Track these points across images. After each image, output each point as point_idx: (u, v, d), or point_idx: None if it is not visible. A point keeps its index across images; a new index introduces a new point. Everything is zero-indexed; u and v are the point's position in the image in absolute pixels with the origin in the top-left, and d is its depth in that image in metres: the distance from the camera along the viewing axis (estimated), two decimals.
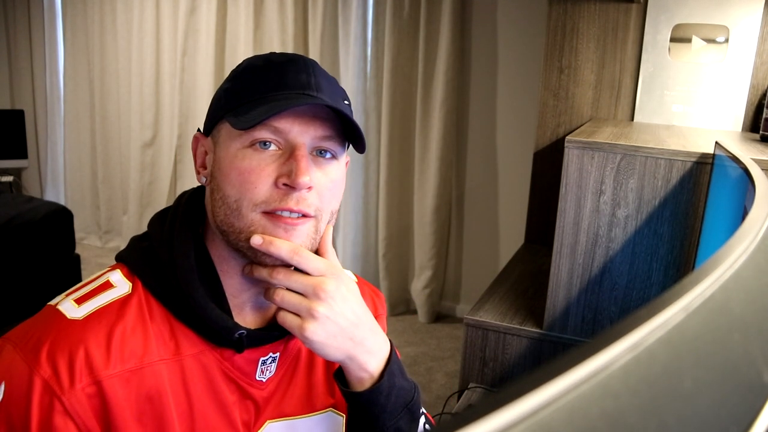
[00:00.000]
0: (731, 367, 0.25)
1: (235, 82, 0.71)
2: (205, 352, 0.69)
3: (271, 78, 0.69)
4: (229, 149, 0.68)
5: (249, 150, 0.67)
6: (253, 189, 0.66)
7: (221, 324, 0.67)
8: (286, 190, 0.66)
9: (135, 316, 0.67)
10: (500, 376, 1.57)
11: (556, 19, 2.08)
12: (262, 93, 0.68)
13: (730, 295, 0.27)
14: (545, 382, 0.17)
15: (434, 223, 3.23)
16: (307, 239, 0.69)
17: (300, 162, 0.66)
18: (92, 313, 0.65)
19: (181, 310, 0.68)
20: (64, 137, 4.34)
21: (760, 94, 1.90)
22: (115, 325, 0.65)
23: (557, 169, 1.65)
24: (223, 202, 0.68)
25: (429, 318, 3.34)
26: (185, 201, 0.75)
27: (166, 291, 0.68)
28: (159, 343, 0.67)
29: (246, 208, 0.67)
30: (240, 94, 0.70)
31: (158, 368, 0.65)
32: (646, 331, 0.21)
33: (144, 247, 0.72)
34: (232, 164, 0.68)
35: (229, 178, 0.68)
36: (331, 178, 0.71)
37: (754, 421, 0.23)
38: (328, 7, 3.27)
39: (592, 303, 1.43)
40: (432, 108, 3.14)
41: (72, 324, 0.64)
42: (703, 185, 1.29)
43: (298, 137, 0.68)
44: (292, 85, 0.68)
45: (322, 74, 0.71)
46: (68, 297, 0.68)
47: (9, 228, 2.66)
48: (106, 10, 3.96)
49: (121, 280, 0.69)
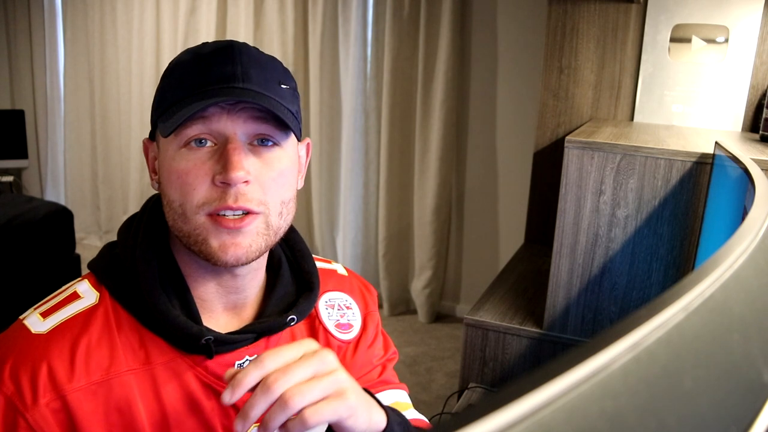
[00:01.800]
0: (731, 367, 0.25)
1: (164, 81, 0.69)
2: (176, 359, 0.67)
3: (197, 73, 0.65)
4: (167, 152, 0.66)
5: (184, 150, 0.64)
6: (192, 191, 0.64)
7: (186, 330, 0.65)
8: (223, 187, 0.63)
9: (101, 327, 0.65)
10: (500, 376, 1.57)
11: (556, 20, 2.08)
12: (187, 91, 0.65)
13: (730, 295, 0.27)
14: (545, 382, 0.17)
15: (434, 223, 3.23)
16: (258, 237, 0.66)
17: (231, 156, 0.62)
18: (57, 327, 0.64)
19: (148, 319, 0.66)
20: (65, 137, 4.34)
21: (760, 94, 1.90)
22: (80, 338, 0.64)
23: (557, 169, 1.65)
24: (170, 207, 0.66)
25: (429, 318, 3.34)
26: (150, 207, 0.73)
27: (131, 299, 0.67)
28: (127, 354, 0.65)
29: (189, 211, 0.64)
30: (167, 95, 0.67)
31: (126, 379, 0.64)
32: (646, 331, 0.21)
33: (112, 255, 0.71)
34: (170, 167, 0.65)
35: (170, 182, 0.65)
36: (274, 167, 0.66)
37: (754, 421, 0.23)
38: (328, 7, 3.27)
39: (592, 303, 1.43)
40: (432, 108, 3.14)
41: (36, 339, 0.63)
42: (703, 185, 1.29)
43: (228, 128, 0.64)
44: (216, 78, 0.64)
45: (252, 60, 0.67)
46: (36, 310, 0.67)
47: (9, 228, 2.66)
48: (106, 10, 3.96)
49: (88, 290, 0.68)
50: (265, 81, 0.66)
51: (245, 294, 0.73)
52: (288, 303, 0.76)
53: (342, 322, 0.83)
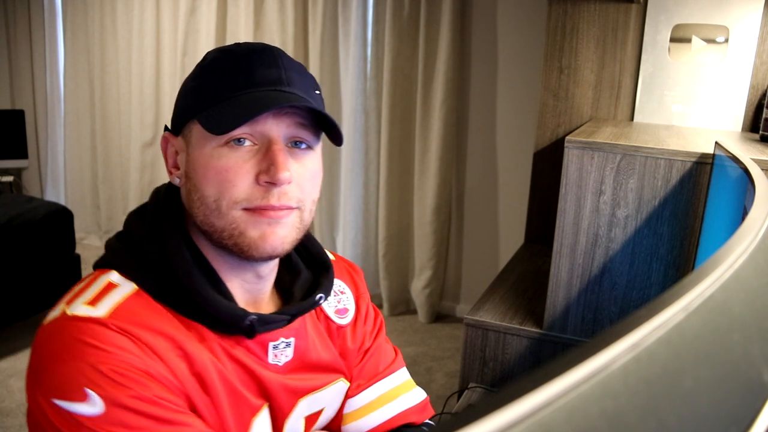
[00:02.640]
0: (731, 367, 0.25)
1: (202, 79, 0.70)
2: (221, 339, 0.70)
3: (240, 74, 0.67)
4: (203, 149, 0.67)
5: (224, 148, 0.66)
6: (232, 187, 0.66)
7: (231, 313, 0.67)
8: (267, 186, 0.66)
9: (153, 309, 0.66)
10: (500, 376, 1.57)
11: (556, 20, 2.08)
12: (232, 91, 0.67)
13: (730, 295, 0.27)
14: (545, 382, 0.17)
15: (434, 223, 3.23)
16: (293, 230, 0.69)
17: (278, 157, 0.65)
18: (115, 310, 0.63)
19: (185, 307, 0.68)
20: (65, 137, 4.34)
21: (760, 94, 1.90)
22: (143, 317, 0.64)
23: (557, 169, 1.65)
24: (202, 203, 0.67)
25: (429, 318, 3.34)
26: (164, 197, 0.74)
27: (167, 291, 0.67)
28: (184, 332, 0.67)
29: (226, 206, 0.66)
30: (209, 93, 0.68)
31: (195, 349, 0.66)
32: (646, 331, 0.21)
33: (131, 249, 0.70)
34: (208, 164, 0.66)
35: (207, 178, 0.67)
36: (309, 169, 0.70)
37: (754, 421, 0.23)
38: (328, 7, 3.27)
39: (592, 303, 1.43)
40: (432, 108, 3.14)
41: (103, 321, 0.62)
42: (702, 185, 1.29)
43: (273, 130, 0.67)
44: (262, 81, 0.67)
45: (291, 65, 0.70)
46: (74, 302, 0.64)
47: (9, 228, 2.66)
48: (106, 10, 3.96)
49: (121, 279, 0.68)
50: (305, 87, 0.70)
51: (265, 288, 0.77)
52: (308, 285, 0.81)
53: (339, 308, 0.87)
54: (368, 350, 0.89)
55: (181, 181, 0.71)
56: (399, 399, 0.88)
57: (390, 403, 0.87)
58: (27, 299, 2.78)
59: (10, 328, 2.82)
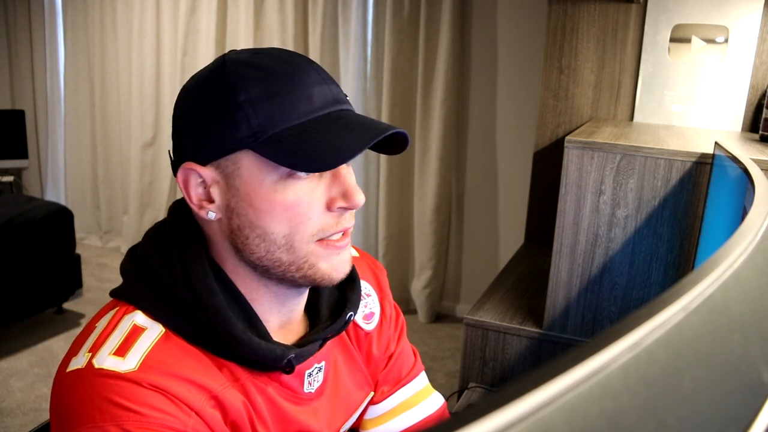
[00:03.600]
0: (730, 367, 0.25)
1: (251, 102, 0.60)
2: (254, 376, 0.67)
3: (295, 97, 0.60)
4: (262, 183, 0.61)
5: (289, 180, 0.61)
6: (307, 221, 0.62)
7: (270, 355, 0.64)
8: (341, 212, 0.64)
9: (183, 352, 0.62)
10: (500, 375, 1.57)
11: (556, 20, 2.08)
12: (295, 118, 0.60)
13: (730, 295, 0.27)
14: (545, 382, 0.17)
15: (434, 223, 3.23)
16: (350, 248, 0.69)
17: (350, 181, 0.63)
18: (145, 360, 0.59)
19: (218, 348, 0.64)
20: (65, 137, 4.34)
21: (760, 94, 1.90)
22: (174, 365, 0.60)
23: (557, 169, 1.65)
24: (265, 239, 0.62)
25: (429, 318, 3.34)
26: (183, 220, 0.67)
27: (200, 333, 0.63)
28: (216, 374, 0.63)
29: (300, 241, 0.63)
30: (264, 122, 0.60)
31: (229, 393, 0.63)
32: (646, 331, 0.21)
33: (154, 287, 0.65)
34: (273, 200, 0.61)
35: (273, 215, 0.61)
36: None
37: (754, 421, 0.23)
38: (328, 7, 3.27)
39: (592, 303, 1.43)
40: (432, 108, 3.14)
41: (133, 376, 0.57)
42: (702, 185, 1.29)
43: None
44: (323, 102, 0.62)
45: (327, 74, 0.65)
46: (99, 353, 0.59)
47: (9, 228, 2.66)
48: (106, 10, 3.96)
49: (148, 321, 0.63)
50: (344, 95, 0.66)
51: (300, 309, 0.74)
52: (334, 300, 0.77)
53: (366, 312, 0.85)
54: (393, 355, 0.88)
55: (218, 214, 0.64)
56: (419, 405, 0.88)
57: (411, 410, 0.87)
58: (27, 299, 2.78)
59: (10, 328, 2.82)
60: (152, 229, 0.70)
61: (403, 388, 0.88)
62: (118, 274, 3.00)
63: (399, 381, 0.88)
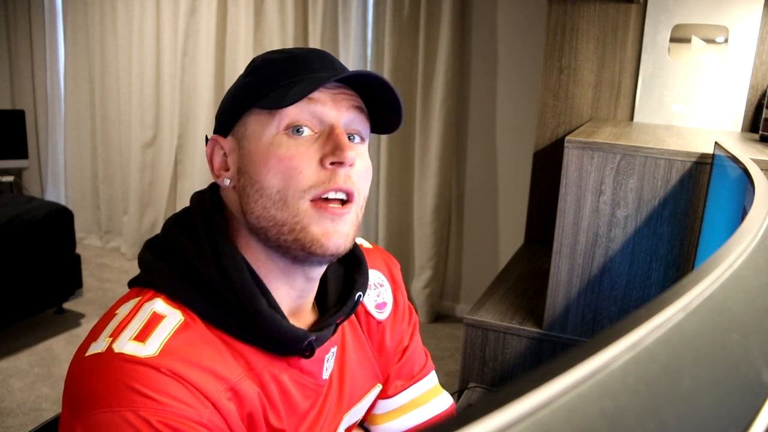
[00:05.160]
0: (730, 367, 0.25)
1: (256, 75, 0.68)
2: (272, 363, 0.66)
3: (297, 65, 0.67)
4: (261, 139, 0.65)
5: (284, 137, 0.64)
6: (299, 174, 0.63)
7: (292, 335, 0.64)
8: (332, 169, 0.64)
9: (202, 341, 0.62)
10: (500, 375, 1.57)
11: (556, 19, 2.08)
12: (291, 77, 0.65)
13: (730, 294, 0.27)
14: (545, 382, 0.17)
15: (434, 223, 3.23)
16: (352, 227, 0.67)
17: (342, 139, 0.64)
18: (165, 346, 0.59)
19: (242, 330, 0.64)
20: (65, 137, 4.34)
21: (760, 94, 1.90)
22: (193, 353, 0.60)
23: (557, 169, 1.65)
24: (262, 195, 0.64)
25: (429, 318, 3.34)
26: (210, 205, 0.69)
27: (224, 314, 0.64)
28: (232, 365, 0.63)
29: (292, 197, 0.63)
30: (266, 82, 0.67)
31: (245, 385, 0.63)
32: (646, 331, 0.21)
33: (178, 268, 0.66)
34: (269, 153, 0.64)
35: (268, 168, 0.64)
36: (364, 160, 0.69)
37: (754, 421, 0.23)
38: (328, 7, 3.27)
39: (592, 303, 1.43)
40: (432, 108, 3.14)
41: (153, 361, 0.58)
42: (702, 185, 1.29)
43: (332, 115, 0.66)
44: (319, 68, 0.66)
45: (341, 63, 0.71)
46: (120, 337, 0.60)
47: (9, 228, 2.66)
48: (106, 10, 3.96)
49: (167, 309, 0.63)
50: None
51: (310, 296, 0.73)
52: (342, 283, 0.77)
53: (379, 302, 0.85)
54: (406, 349, 0.88)
55: (232, 180, 0.68)
56: (429, 404, 0.89)
57: (421, 407, 0.88)
58: (27, 299, 2.78)
59: (10, 328, 2.82)
60: (173, 218, 0.72)
61: (414, 385, 0.88)
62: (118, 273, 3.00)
63: (412, 377, 0.88)
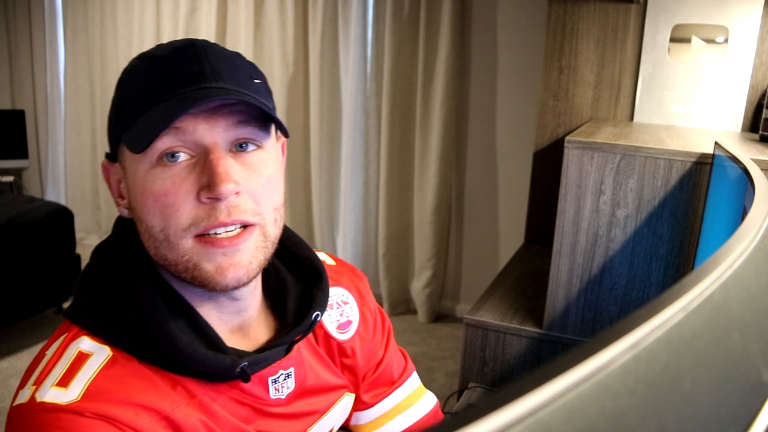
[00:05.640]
0: (730, 367, 0.25)
1: (120, 91, 0.60)
2: (212, 388, 0.63)
3: (158, 77, 0.58)
4: (137, 174, 0.58)
5: (158, 169, 0.57)
6: (176, 213, 0.57)
7: (218, 365, 0.60)
8: (211, 203, 0.57)
9: (131, 375, 0.58)
10: (500, 375, 1.57)
11: (556, 20, 2.08)
12: (151, 99, 0.57)
13: (730, 294, 0.27)
14: (545, 382, 0.17)
15: (434, 223, 3.23)
16: (258, 252, 0.60)
17: (216, 167, 0.56)
18: (88, 389, 0.55)
19: (169, 363, 0.60)
20: (65, 137, 4.34)
21: (760, 94, 1.90)
22: (121, 391, 0.56)
23: (557, 169, 1.65)
24: (150, 234, 0.59)
25: (429, 318, 3.34)
26: (126, 230, 0.64)
27: (145, 348, 0.60)
28: (168, 395, 0.59)
29: (174, 236, 0.57)
30: (128, 107, 0.59)
31: (184, 411, 0.59)
32: (646, 331, 0.21)
33: (99, 303, 0.62)
34: (144, 190, 0.58)
35: (147, 207, 0.58)
36: (262, 173, 0.60)
37: (754, 421, 0.23)
38: (328, 7, 3.27)
39: (592, 303, 1.43)
40: (432, 108, 3.14)
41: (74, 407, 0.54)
42: (702, 185, 1.29)
43: (207, 137, 0.57)
44: (183, 81, 0.57)
45: (218, 57, 0.60)
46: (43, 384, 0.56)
47: (9, 228, 2.66)
48: (106, 10, 3.96)
49: (93, 345, 0.59)
50: (237, 77, 0.60)
51: (248, 314, 0.68)
52: (301, 300, 0.72)
53: (342, 321, 0.80)
54: (380, 362, 0.85)
55: (129, 212, 0.62)
56: (413, 408, 0.87)
57: (404, 413, 0.86)
58: (27, 299, 2.78)
59: (10, 328, 2.82)
60: (98, 247, 0.67)
61: (396, 391, 0.87)
62: None
63: (392, 383, 0.87)
